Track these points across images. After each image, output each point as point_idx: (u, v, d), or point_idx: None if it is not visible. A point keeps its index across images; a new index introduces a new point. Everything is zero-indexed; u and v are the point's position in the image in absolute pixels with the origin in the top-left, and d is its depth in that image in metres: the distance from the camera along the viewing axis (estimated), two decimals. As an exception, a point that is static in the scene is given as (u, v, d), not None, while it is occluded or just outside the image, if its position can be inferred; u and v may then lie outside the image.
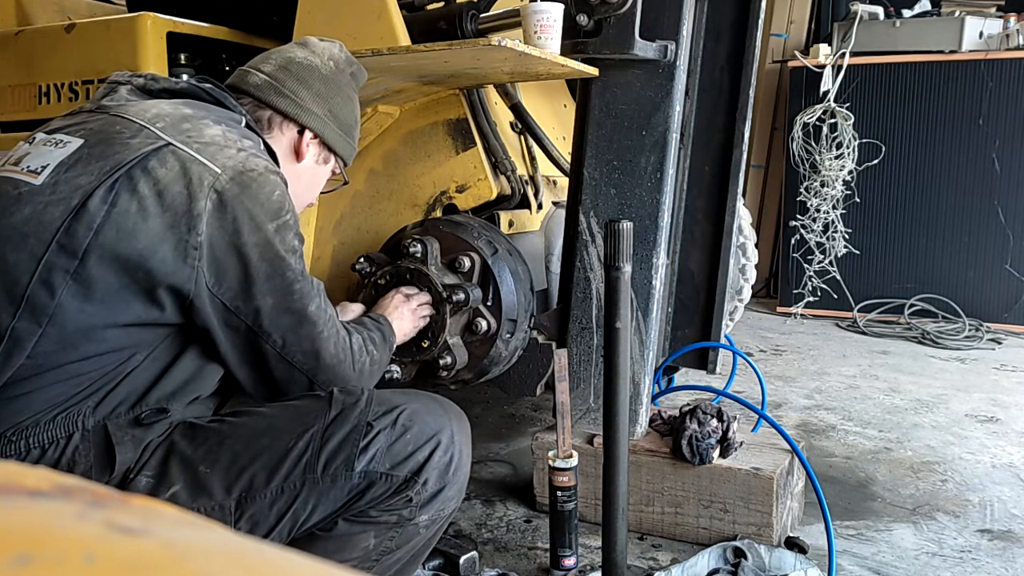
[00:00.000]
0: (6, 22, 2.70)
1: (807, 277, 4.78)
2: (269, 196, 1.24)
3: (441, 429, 1.29)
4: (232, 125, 1.32)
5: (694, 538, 1.94)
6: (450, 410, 1.35)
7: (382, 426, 1.24)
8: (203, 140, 1.23)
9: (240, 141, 1.27)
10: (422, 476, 1.26)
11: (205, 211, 1.18)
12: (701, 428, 1.91)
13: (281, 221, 1.26)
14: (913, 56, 4.49)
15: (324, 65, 1.49)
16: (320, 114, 1.48)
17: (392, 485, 1.25)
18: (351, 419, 1.24)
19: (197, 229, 1.17)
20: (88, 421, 1.18)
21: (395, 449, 1.24)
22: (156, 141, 1.20)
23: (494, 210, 2.22)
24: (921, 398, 3.17)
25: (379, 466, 1.23)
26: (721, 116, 2.28)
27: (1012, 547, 1.92)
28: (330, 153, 1.54)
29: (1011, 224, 4.40)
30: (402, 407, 1.27)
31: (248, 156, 1.25)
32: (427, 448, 1.27)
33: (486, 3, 2.19)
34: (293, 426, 1.24)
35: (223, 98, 1.38)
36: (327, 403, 1.26)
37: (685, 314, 2.39)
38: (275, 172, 1.28)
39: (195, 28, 2.43)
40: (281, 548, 0.32)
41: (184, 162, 1.19)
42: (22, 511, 0.29)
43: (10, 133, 2.54)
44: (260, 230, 1.22)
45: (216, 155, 1.22)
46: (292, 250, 1.28)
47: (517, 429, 2.80)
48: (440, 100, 2.23)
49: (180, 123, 1.25)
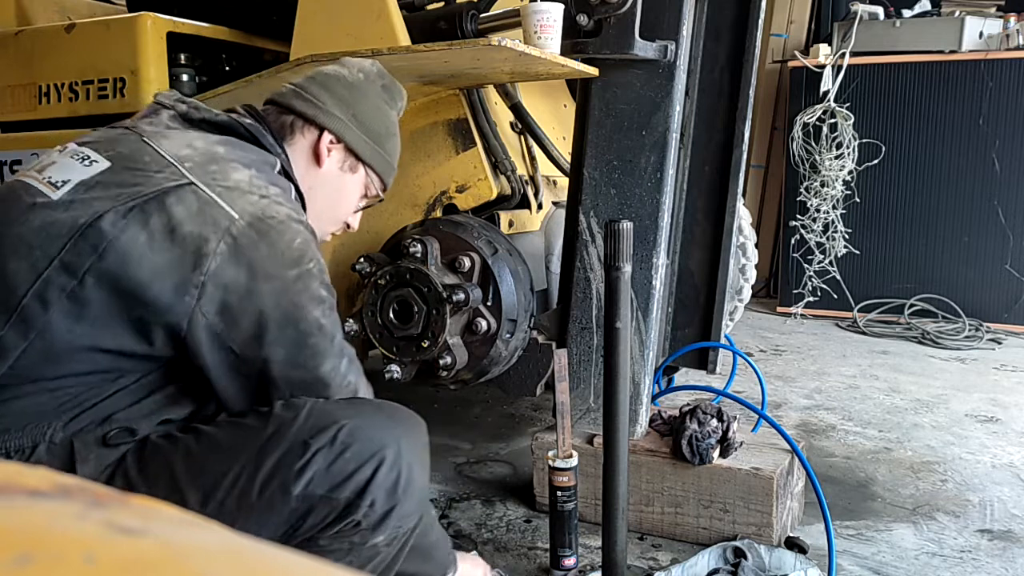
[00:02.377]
0: (6, 22, 2.70)
1: (807, 277, 4.78)
2: (289, 244, 1.21)
3: (385, 444, 1.19)
4: (263, 168, 1.29)
5: (694, 538, 1.94)
6: (399, 421, 1.25)
7: (320, 444, 1.15)
8: (227, 184, 1.20)
9: (267, 188, 1.24)
10: (367, 497, 1.16)
11: (216, 253, 1.15)
12: (701, 428, 1.91)
13: (302, 269, 1.21)
14: (913, 56, 4.49)
15: (351, 74, 1.48)
16: (341, 116, 1.44)
17: (334, 509, 1.16)
18: (287, 438, 1.16)
19: (202, 268, 1.15)
20: (57, 435, 1.16)
21: (334, 469, 1.15)
22: (179, 179, 1.18)
23: (494, 210, 2.22)
24: (921, 398, 3.17)
25: (318, 488, 1.15)
26: (721, 116, 2.28)
27: (1012, 547, 1.92)
28: (357, 161, 1.49)
29: (1011, 224, 4.40)
30: (342, 422, 1.17)
31: (270, 203, 1.22)
32: (370, 466, 1.17)
33: (486, 3, 2.19)
34: (231, 446, 1.18)
35: (261, 136, 1.36)
36: (265, 420, 1.19)
37: (685, 314, 2.39)
38: (299, 221, 1.25)
39: (195, 28, 2.44)
40: (281, 548, 0.32)
41: (203, 203, 1.17)
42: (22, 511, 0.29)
43: (10, 133, 2.55)
44: (276, 278, 1.19)
45: (237, 200, 1.19)
46: (315, 299, 1.23)
47: (517, 429, 2.80)
48: (440, 100, 2.23)
49: (208, 164, 1.22)
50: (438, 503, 2.17)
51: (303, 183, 1.43)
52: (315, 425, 1.17)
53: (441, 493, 2.24)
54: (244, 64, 2.57)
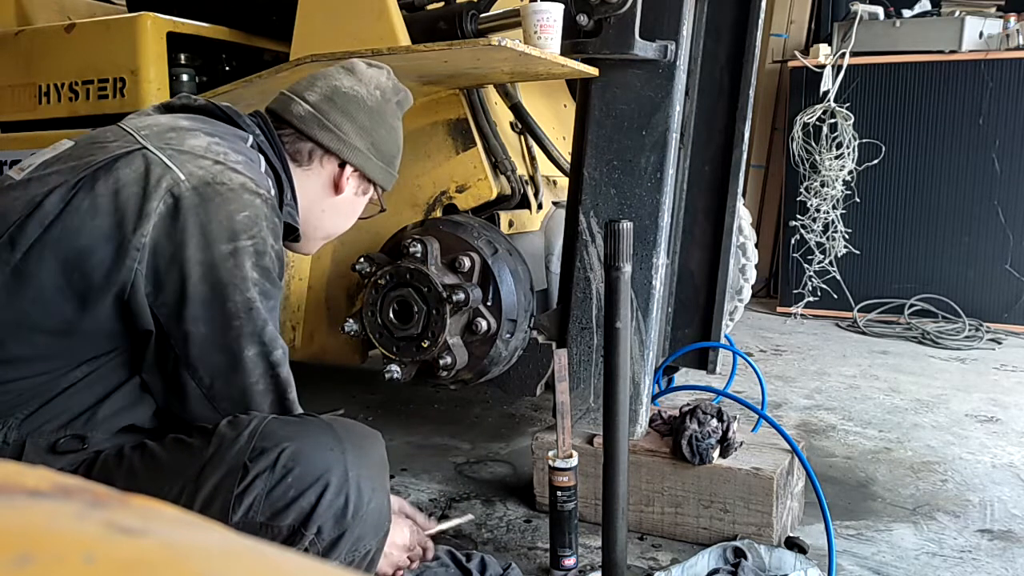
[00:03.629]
0: (6, 22, 2.70)
1: (807, 277, 4.78)
2: (232, 214, 1.14)
3: (330, 468, 1.11)
4: (228, 138, 1.25)
5: (694, 538, 1.94)
6: (347, 440, 1.15)
7: (260, 468, 1.08)
8: (181, 148, 1.17)
9: (226, 154, 1.19)
10: (311, 526, 1.09)
11: (155, 212, 1.11)
12: (701, 428, 1.91)
13: (239, 244, 1.14)
14: (913, 56, 4.49)
15: (370, 96, 1.44)
16: (363, 148, 1.43)
17: (276, 537, 1.09)
18: (227, 460, 1.09)
19: (143, 230, 1.11)
20: (12, 434, 1.12)
21: (275, 496, 1.08)
22: (131, 145, 1.17)
23: (494, 210, 2.23)
24: (921, 398, 3.17)
25: (258, 516, 1.08)
26: (721, 116, 2.27)
27: (1012, 547, 1.92)
28: (369, 184, 1.49)
29: (1011, 224, 4.40)
30: (283, 445, 1.10)
31: (224, 169, 1.16)
32: (313, 492, 1.09)
33: (486, 3, 2.19)
34: (172, 467, 1.12)
35: (236, 116, 1.34)
36: (207, 438, 1.12)
37: (685, 314, 2.39)
38: (254, 192, 1.17)
39: (195, 28, 2.44)
40: (281, 548, 0.32)
41: (149, 164, 1.14)
42: (22, 511, 0.29)
43: (10, 133, 2.55)
44: (208, 248, 1.12)
45: (187, 163, 1.15)
46: (247, 280, 1.15)
47: (517, 429, 2.80)
48: (440, 100, 2.23)
49: (166, 132, 1.20)
50: (438, 503, 2.17)
51: (316, 206, 1.44)
52: (257, 447, 1.10)
53: (441, 493, 2.24)
54: (244, 64, 2.58)
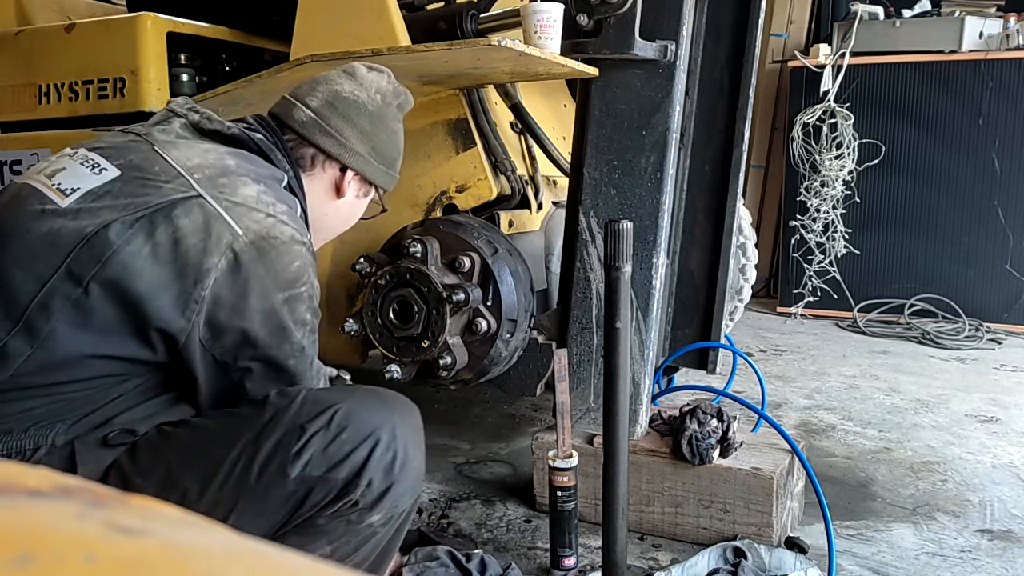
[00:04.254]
0: (6, 22, 2.70)
1: (807, 277, 4.78)
2: (287, 266, 1.23)
3: (380, 425, 1.22)
4: (271, 184, 1.30)
5: (694, 538, 1.94)
6: (393, 403, 1.28)
7: (316, 428, 1.18)
8: (235, 199, 1.21)
9: (274, 205, 1.25)
10: (364, 477, 1.20)
11: (216, 268, 1.17)
12: (701, 428, 1.91)
13: (294, 292, 1.24)
14: (913, 56, 4.49)
15: (371, 100, 1.47)
16: (364, 153, 1.46)
17: (332, 489, 1.19)
18: (283, 423, 1.19)
19: (203, 284, 1.17)
20: (59, 438, 1.17)
21: (331, 451, 1.18)
22: (188, 191, 1.19)
23: (494, 210, 2.22)
24: (921, 398, 3.17)
25: (315, 470, 1.18)
26: (721, 116, 2.27)
27: (1012, 547, 1.92)
28: (371, 187, 1.53)
29: (1011, 224, 4.40)
30: (336, 406, 1.21)
31: (276, 223, 1.23)
32: (366, 447, 1.20)
33: (486, 3, 2.19)
34: (227, 434, 1.20)
35: (270, 151, 1.36)
36: (261, 408, 1.22)
37: (685, 314, 2.39)
38: (300, 242, 1.26)
39: (195, 28, 2.44)
40: (281, 548, 0.32)
41: (208, 217, 1.18)
42: (22, 511, 0.29)
43: (10, 133, 2.55)
44: (268, 298, 1.22)
45: (242, 216, 1.20)
46: (300, 323, 1.27)
47: (517, 429, 2.80)
48: (440, 100, 2.22)
49: (218, 177, 1.23)
50: (438, 503, 2.17)
51: (318, 209, 1.46)
52: (311, 410, 1.19)
53: (441, 493, 2.24)
54: (244, 64, 2.58)
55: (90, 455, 1.18)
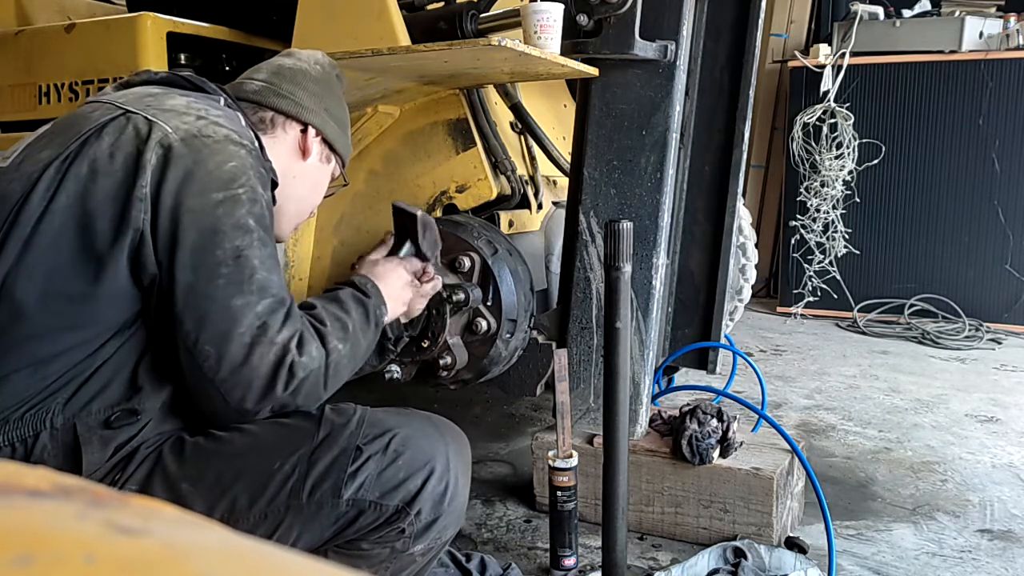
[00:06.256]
0: (6, 22, 2.70)
1: (807, 277, 4.78)
2: (220, 164, 1.16)
3: (436, 455, 1.21)
4: (202, 97, 1.29)
5: (694, 538, 1.94)
6: (447, 433, 1.27)
7: (373, 451, 1.18)
8: (163, 107, 1.22)
9: (206, 110, 1.23)
10: (415, 506, 1.19)
11: (149, 164, 1.14)
12: (701, 428, 1.91)
13: (230, 193, 1.15)
14: (913, 56, 4.49)
15: (313, 68, 1.51)
16: (319, 111, 1.48)
17: (382, 515, 1.18)
18: (340, 442, 1.17)
19: (141, 181, 1.14)
20: (57, 419, 1.14)
21: (385, 476, 1.17)
22: (114, 111, 1.21)
23: (494, 210, 2.22)
24: (921, 398, 3.17)
25: (368, 494, 1.17)
26: (721, 116, 2.27)
27: (1012, 547, 1.92)
28: (331, 152, 1.53)
29: (1011, 224, 4.40)
30: (395, 431, 1.20)
31: (208, 123, 1.20)
32: (420, 476, 1.19)
33: (486, 3, 2.19)
34: (280, 446, 1.18)
35: (202, 83, 1.36)
36: (316, 423, 1.20)
37: (685, 314, 2.39)
38: (238, 144, 1.20)
39: (195, 28, 2.43)
40: (281, 548, 0.32)
41: (137, 123, 1.18)
42: (22, 511, 0.29)
43: (10, 133, 2.54)
44: (199, 196, 1.14)
45: (171, 119, 1.19)
46: (238, 227, 1.15)
47: (517, 429, 2.80)
48: (440, 100, 2.22)
49: (144, 97, 1.25)
50: (438, 503, 2.17)
51: (287, 172, 1.44)
52: (368, 432, 1.19)
53: (441, 493, 2.24)
54: (244, 64, 2.56)
55: (92, 436, 1.15)
